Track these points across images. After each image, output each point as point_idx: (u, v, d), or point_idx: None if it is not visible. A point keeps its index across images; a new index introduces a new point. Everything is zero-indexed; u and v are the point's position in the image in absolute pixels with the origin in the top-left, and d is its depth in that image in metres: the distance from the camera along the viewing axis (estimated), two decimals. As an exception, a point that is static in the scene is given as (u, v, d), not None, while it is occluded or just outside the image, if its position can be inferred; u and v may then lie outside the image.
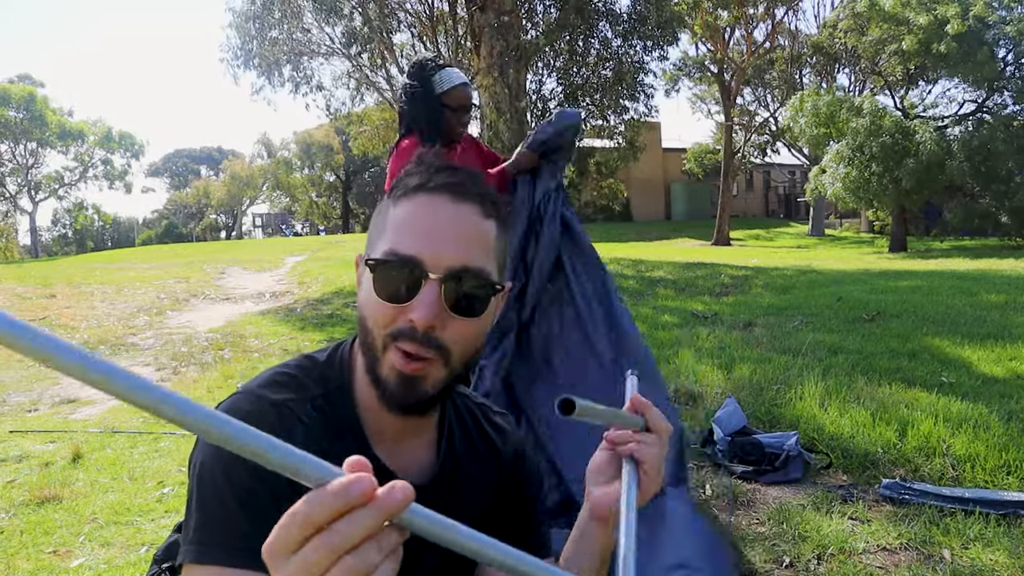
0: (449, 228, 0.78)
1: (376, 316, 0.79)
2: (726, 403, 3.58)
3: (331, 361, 0.89)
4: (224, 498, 0.77)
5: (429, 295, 0.76)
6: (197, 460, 0.81)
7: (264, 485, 0.77)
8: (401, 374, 0.79)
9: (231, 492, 0.76)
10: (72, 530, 2.80)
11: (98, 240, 46.50)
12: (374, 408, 0.86)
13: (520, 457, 1.01)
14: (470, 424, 0.98)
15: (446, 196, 0.80)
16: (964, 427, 3.31)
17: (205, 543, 0.76)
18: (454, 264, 0.77)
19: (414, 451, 0.91)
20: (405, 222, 0.79)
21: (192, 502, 0.79)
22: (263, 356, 6.34)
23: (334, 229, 42.22)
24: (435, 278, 0.76)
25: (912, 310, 6.56)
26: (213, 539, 0.76)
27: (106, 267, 14.37)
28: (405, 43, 15.12)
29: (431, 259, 0.77)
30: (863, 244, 21.21)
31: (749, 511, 2.77)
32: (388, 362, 0.79)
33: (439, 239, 0.78)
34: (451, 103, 2.55)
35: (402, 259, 0.77)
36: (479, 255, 0.80)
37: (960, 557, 2.30)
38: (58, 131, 34.70)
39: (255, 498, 0.77)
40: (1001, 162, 15.82)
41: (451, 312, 0.78)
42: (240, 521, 0.76)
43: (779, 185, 35.77)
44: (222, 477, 0.77)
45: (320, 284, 11.14)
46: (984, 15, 15.85)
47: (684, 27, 17.53)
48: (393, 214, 0.81)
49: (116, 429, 4.22)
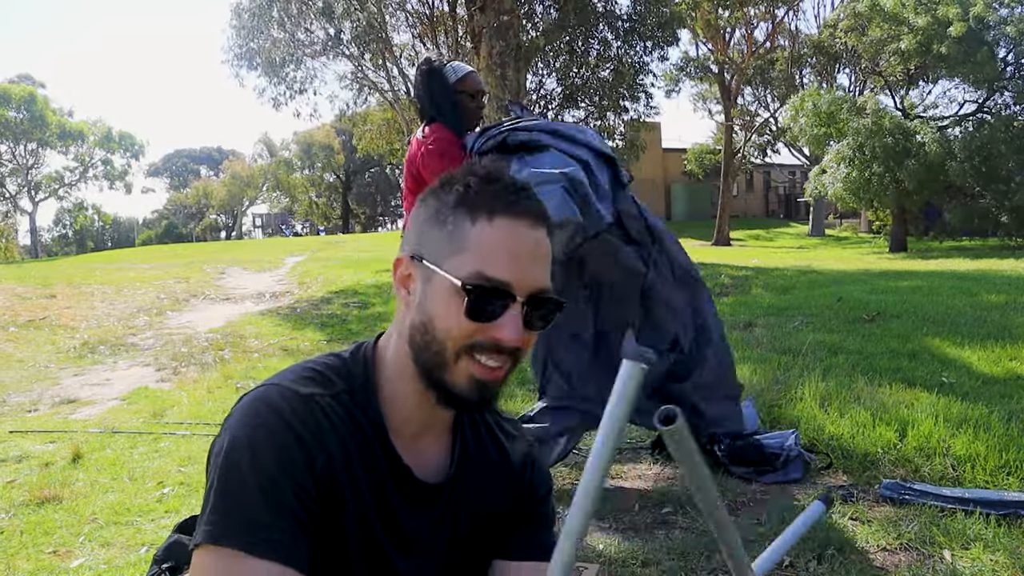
0: (531, 254, 0.85)
1: (456, 330, 0.83)
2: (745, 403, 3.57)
3: (355, 358, 0.92)
4: (248, 486, 0.78)
5: (516, 318, 0.83)
6: (223, 445, 0.82)
7: (290, 480, 0.79)
8: (480, 381, 0.85)
9: (255, 480, 0.78)
10: (72, 530, 2.80)
11: (98, 240, 46.53)
12: (402, 406, 0.90)
13: (530, 462, 1.04)
14: (482, 430, 1.02)
15: (528, 220, 0.85)
16: (964, 427, 3.30)
17: (223, 526, 0.77)
18: (534, 288, 0.84)
19: (430, 449, 0.94)
20: (493, 246, 0.83)
21: (213, 487, 0.80)
22: (263, 356, 6.34)
23: (334, 229, 42.22)
24: (520, 301, 0.83)
25: (912, 310, 6.55)
26: (232, 524, 0.77)
27: (106, 267, 14.37)
28: (406, 44, 15.13)
29: (517, 283, 0.82)
30: (863, 244, 21.21)
31: (749, 511, 2.76)
32: (463, 370, 0.84)
33: (525, 265, 0.84)
34: (467, 89, 2.78)
35: (494, 283, 0.82)
36: (547, 274, 0.87)
37: (960, 557, 2.30)
38: (58, 131, 34.71)
39: (279, 490, 0.78)
40: (1001, 162, 15.81)
41: (526, 329, 0.84)
42: (261, 510, 0.77)
43: (779, 185, 35.76)
44: (248, 465, 0.78)
45: (320, 284, 11.14)
46: (984, 16, 15.84)
47: (684, 27, 17.52)
48: (475, 234, 0.84)
49: (116, 429, 4.22)
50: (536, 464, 1.04)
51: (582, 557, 2.40)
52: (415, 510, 0.91)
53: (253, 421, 0.81)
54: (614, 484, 3.11)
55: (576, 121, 15.59)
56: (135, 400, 5.03)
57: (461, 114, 2.79)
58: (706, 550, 2.35)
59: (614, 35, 14.06)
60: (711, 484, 0.64)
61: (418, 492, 0.91)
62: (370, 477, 0.87)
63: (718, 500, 0.63)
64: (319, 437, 0.83)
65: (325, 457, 0.82)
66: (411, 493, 0.90)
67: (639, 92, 14.86)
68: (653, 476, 3.19)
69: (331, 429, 0.84)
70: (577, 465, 3.27)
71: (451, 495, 0.94)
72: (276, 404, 0.82)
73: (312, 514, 0.81)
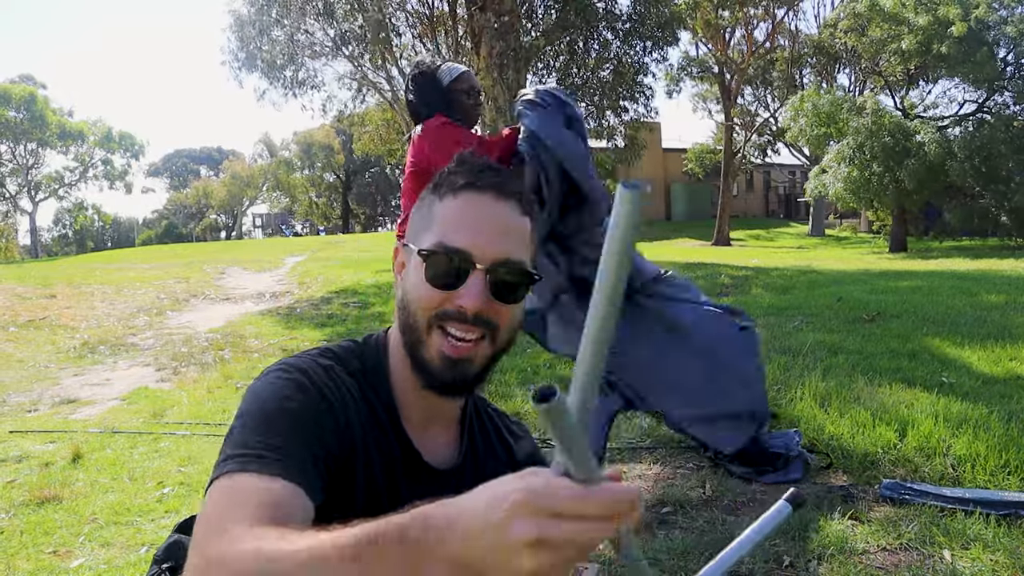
0: (493, 223, 0.87)
1: (423, 300, 0.87)
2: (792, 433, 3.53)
3: (368, 345, 0.96)
4: (269, 415, 0.79)
5: (477, 283, 0.85)
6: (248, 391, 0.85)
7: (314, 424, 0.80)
8: (448, 358, 0.86)
9: (279, 411, 0.80)
10: (72, 530, 2.80)
11: (98, 240, 46.51)
12: (406, 391, 0.93)
13: (533, 460, 1.04)
14: (489, 427, 1.04)
15: (490, 194, 0.88)
16: (964, 427, 3.30)
17: (238, 457, 0.75)
18: (498, 256, 0.86)
19: (439, 437, 0.97)
20: (454, 217, 0.87)
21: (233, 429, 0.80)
22: (263, 356, 6.33)
23: (334, 229, 42.22)
24: (481, 268, 0.85)
25: (912, 310, 6.55)
26: (247, 451, 0.76)
27: (106, 267, 14.36)
28: (406, 44, 15.12)
29: (478, 251, 0.85)
30: (863, 244, 21.21)
31: (749, 511, 2.76)
32: (434, 345, 0.87)
33: (485, 233, 0.86)
34: (462, 87, 2.82)
35: (451, 250, 0.85)
36: (518, 248, 0.88)
37: (960, 557, 2.30)
38: (58, 131, 34.70)
39: (301, 424, 0.80)
40: (1001, 162, 15.81)
41: (494, 299, 0.86)
42: (277, 435, 0.77)
43: (779, 185, 35.75)
44: (273, 400, 0.81)
45: (320, 284, 11.14)
46: (985, 16, 15.84)
47: (684, 27, 17.52)
48: (440, 209, 0.89)
49: (116, 429, 4.22)
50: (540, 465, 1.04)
51: (582, 557, 2.39)
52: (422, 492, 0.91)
53: (279, 375, 0.84)
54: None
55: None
56: (135, 400, 5.03)
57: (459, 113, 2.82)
58: (706, 550, 2.35)
59: (614, 35, 14.06)
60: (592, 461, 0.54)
61: (427, 476, 0.92)
62: (383, 456, 0.89)
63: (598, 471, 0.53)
64: (342, 401, 0.86)
65: (345, 420, 0.85)
66: (420, 476, 0.91)
67: (639, 92, 14.86)
68: (653, 476, 3.19)
69: (351, 400, 0.87)
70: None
71: (459, 481, 0.94)
72: (302, 365, 0.86)
73: (329, 463, 0.80)
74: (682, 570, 2.27)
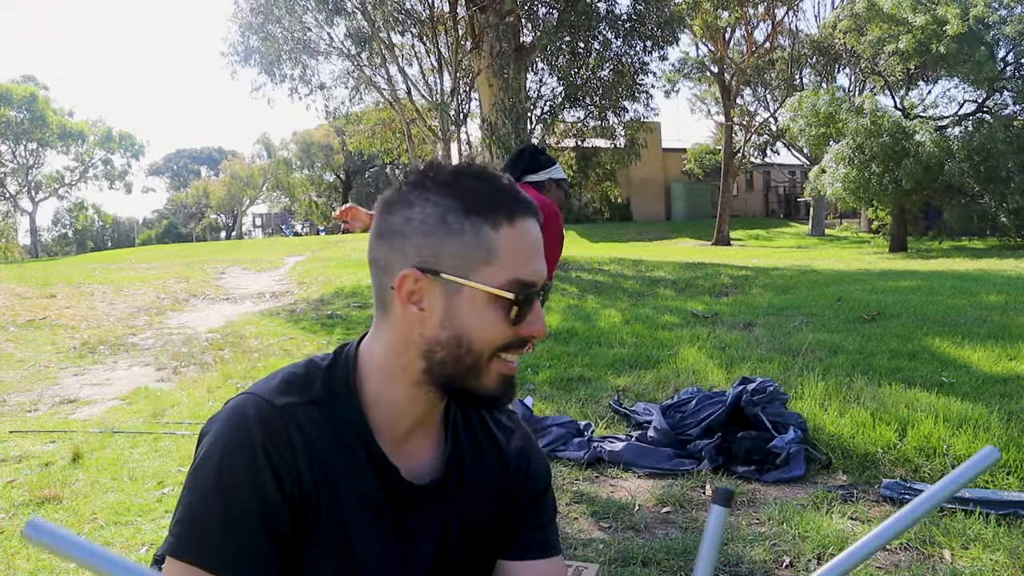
0: (540, 248, 0.87)
1: (497, 339, 0.83)
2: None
3: (336, 362, 0.90)
4: (212, 505, 0.79)
5: (539, 310, 0.85)
6: (196, 459, 0.83)
7: (257, 501, 0.80)
8: (507, 377, 0.86)
9: (221, 500, 0.79)
10: (72, 530, 2.80)
11: (98, 240, 46.51)
12: (385, 406, 0.88)
13: (525, 455, 1.01)
14: (475, 422, 0.99)
15: (532, 218, 0.86)
16: (964, 427, 3.31)
17: (186, 541, 0.79)
18: (545, 279, 0.87)
19: (419, 448, 0.92)
20: (516, 249, 0.83)
21: (182, 500, 0.82)
22: (263, 356, 6.33)
23: (334, 229, 42.13)
24: (540, 294, 0.85)
25: (912, 310, 6.56)
26: (195, 539, 0.79)
27: (106, 267, 14.36)
28: (405, 43, 15.12)
29: (540, 279, 0.85)
30: (863, 244, 21.20)
31: (749, 511, 2.76)
32: (493, 372, 0.85)
33: (539, 259, 0.86)
34: (562, 182, 3.26)
35: (529, 285, 0.83)
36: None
37: (960, 557, 2.30)
38: (59, 131, 34.68)
39: (244, 510, 0.79)
40: (1001, 162, 15.81)
41: None
42: (222, 529, 0.79)
43: (779, 185, 35.74)
44: (215, 484, 0.80)
45: (320, 284, 11.14)
46: (984, 16, 15.84)
47: (684, 27, 17.50)
48: (499, 240, 0.82)
49: (116, 429, 4.22)
50: (532, 459, 1.01)
51: (582, 557, 2.40)
52: (402, 511, 0.89)
53: (225, 438, 0.82)
54: (615, 484, 3.12)
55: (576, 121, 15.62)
56: (135, 400, 5.03)
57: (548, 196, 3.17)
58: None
59: (614, 35, 14.06)
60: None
61: (406, 492, 0.89)
62: (353, 481, 0.86)
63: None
64: (291, 454, 0.82)
65: (296, 475, 0.82)
66: (399, 493, 0.88)
67: (639, 92, 14.86)
68: (653, 476, 3.19)
69: (304, 445, 0.83)
70: (576, 464, 3.27)
71: (442, 496, 0.93)
72: (250, 421, 0.82)
73: (280, 532, 0.81)
74: (682, 570, 2.27)
